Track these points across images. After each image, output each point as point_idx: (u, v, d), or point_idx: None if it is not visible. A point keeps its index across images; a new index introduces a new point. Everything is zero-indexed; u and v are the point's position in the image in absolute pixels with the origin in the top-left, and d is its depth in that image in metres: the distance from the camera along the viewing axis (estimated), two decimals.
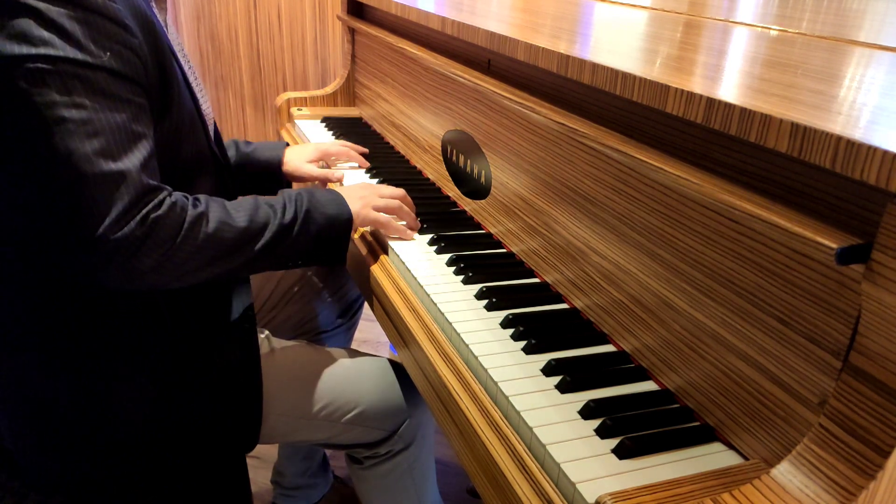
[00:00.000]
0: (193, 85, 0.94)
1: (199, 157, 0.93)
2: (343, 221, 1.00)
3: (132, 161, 0.77)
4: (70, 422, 0.89)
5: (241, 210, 0.90)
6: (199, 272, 0.85)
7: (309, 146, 1.39)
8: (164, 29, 0.86)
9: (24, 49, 0.72)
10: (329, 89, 1.88)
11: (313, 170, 1.35)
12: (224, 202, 0.90)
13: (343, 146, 1.44)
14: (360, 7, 1.79)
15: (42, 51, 0.72)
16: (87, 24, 0.74)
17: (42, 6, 0.72)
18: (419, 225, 1.15)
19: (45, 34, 0.72)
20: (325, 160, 1.42)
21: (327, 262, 1.04)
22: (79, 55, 0.73)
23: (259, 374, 0.99)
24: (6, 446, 0.92)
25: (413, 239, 1.12)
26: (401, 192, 1.13)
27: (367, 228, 1.17)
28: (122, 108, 0.77)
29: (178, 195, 0.84)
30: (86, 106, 0.74)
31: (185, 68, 0.93)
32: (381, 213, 1.08)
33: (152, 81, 0.82)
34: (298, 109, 1.83)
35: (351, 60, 1.85)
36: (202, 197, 0.88)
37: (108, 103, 0.76)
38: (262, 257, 0.91)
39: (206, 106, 0.99)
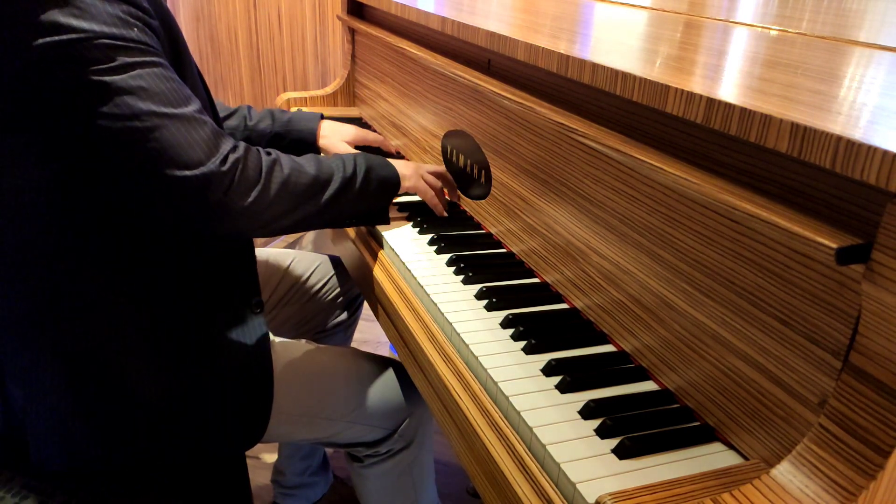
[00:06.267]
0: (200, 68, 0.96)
1: None
2: (394, 185, 1.10)
3: (193, 107, 0.83)
4: (85, 408, 0.90)
5: (307, 161, 0.97)
6: (280, 219, 0.92)
7: (349, 127, 1.42)
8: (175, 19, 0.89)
9: (59, 37, 0.75)
10: (329, 89, 1.88)
11: (350, 151, 1.36)
12: (289, 155, 0.97)
13: (379, 136, 1.48)
14: (360, 7, 1.79)
15: (75, 36, 0.75)
16: (108, 2, 0.78)
17: None
18: (447, 205, 1.23)
19: (74, 21, 0.75)
20: (361, 145, 1.44)
21: (374, 223, 1.13)
22: (107, 29, 0.77)
23: (269, 358, 1.00)
24: (17, 438, 0.92)
25: (445, 216, 1.20)
26: (443, 169, 1.23)
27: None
28: (163, 66, 0.82)
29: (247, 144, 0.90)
30: (133, 66, 0.79)
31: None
32: (428, 188, 1.17)
33: (171, 63, 0.86)
34: (298, 110, 1.83)
35: (351, 60, 1.85)
36: (270, 149, 0.95)
37: (150, 62, 0.80)
38: (327, 209, 0.98)
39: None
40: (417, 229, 1.15)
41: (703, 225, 0.70)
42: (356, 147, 1.41)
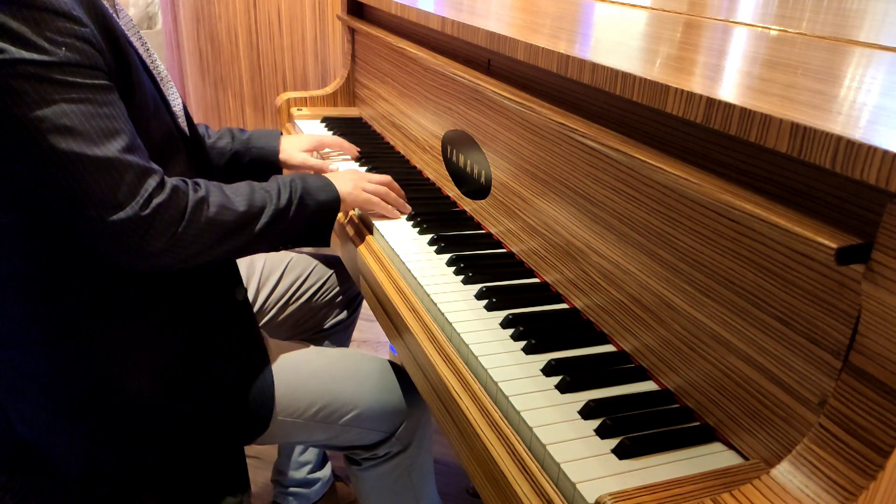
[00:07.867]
0: (151, 67, 0.94)
1: (169, 138, 0.95)
2: (333, 207, 1.07)
3: (117, 145, 0.79)
4: (87, 411, 0.90)
5: (238, 194, 0.94)
6: (206, 253, 0.90)
7: (304, 136, 1.42)
8: (114, 14, 0.86)
9: None
10: (329, 89, 1.88)
11: (307, 159, 1.37)
12: (222, 186, 0.94)
13: (337, 139, 1.48)
14: (360, 7, 1.79)
15: None
16: (35, 22, 0.73)
17: None
18: (409, 209, 1.22)
19: None
20: (319, 150, 1.45)
21: (314, 244, 1.10)
22: (35, 56, 0.73)
23: (266, 354, 1.01)
24: (26, 440, 0.92)
25: (399, 218, 1.19)
26: (387, 178, 1.21)
27: (355, 211, 1.23)
28: (91, 97, 0.78)
29: (177, 180, 0.87)
30: (56, 101, 0.75)
31: (142, 51, 0.93)
32: (371, 195, 1.15)
33: (111, 67, 0.82)
34: (298, 109, 1.83)
35: (351, 60, 1.85)
36: (201, 182, 0.92)
37: (76, 95, 0.76)
38: (260, 239, 0.96)
39: (170, 86, 0.99)
40: (417, 229, 1.15)
41: (703, 225, 0.70)
42: (319, 154, 1.41)
